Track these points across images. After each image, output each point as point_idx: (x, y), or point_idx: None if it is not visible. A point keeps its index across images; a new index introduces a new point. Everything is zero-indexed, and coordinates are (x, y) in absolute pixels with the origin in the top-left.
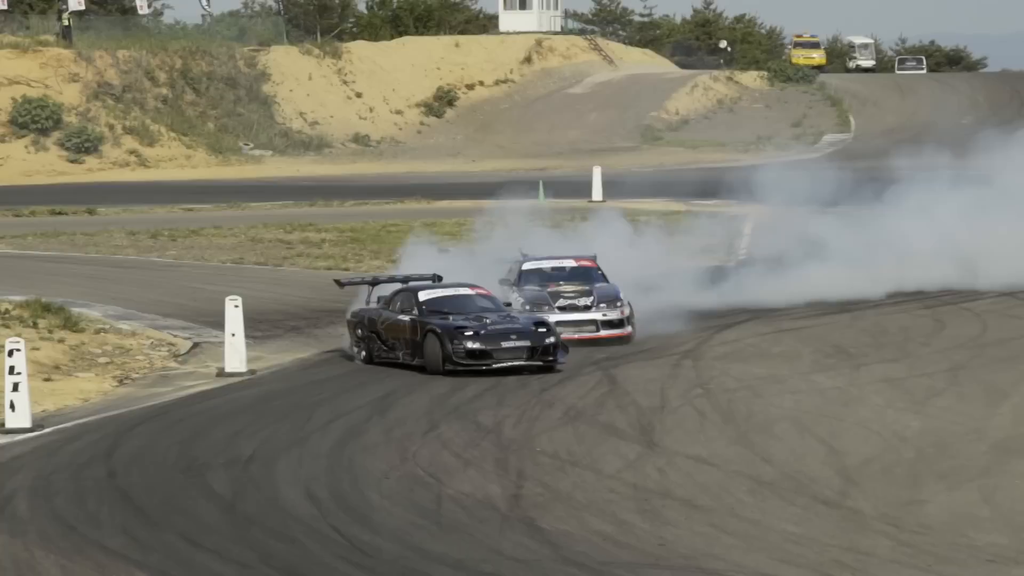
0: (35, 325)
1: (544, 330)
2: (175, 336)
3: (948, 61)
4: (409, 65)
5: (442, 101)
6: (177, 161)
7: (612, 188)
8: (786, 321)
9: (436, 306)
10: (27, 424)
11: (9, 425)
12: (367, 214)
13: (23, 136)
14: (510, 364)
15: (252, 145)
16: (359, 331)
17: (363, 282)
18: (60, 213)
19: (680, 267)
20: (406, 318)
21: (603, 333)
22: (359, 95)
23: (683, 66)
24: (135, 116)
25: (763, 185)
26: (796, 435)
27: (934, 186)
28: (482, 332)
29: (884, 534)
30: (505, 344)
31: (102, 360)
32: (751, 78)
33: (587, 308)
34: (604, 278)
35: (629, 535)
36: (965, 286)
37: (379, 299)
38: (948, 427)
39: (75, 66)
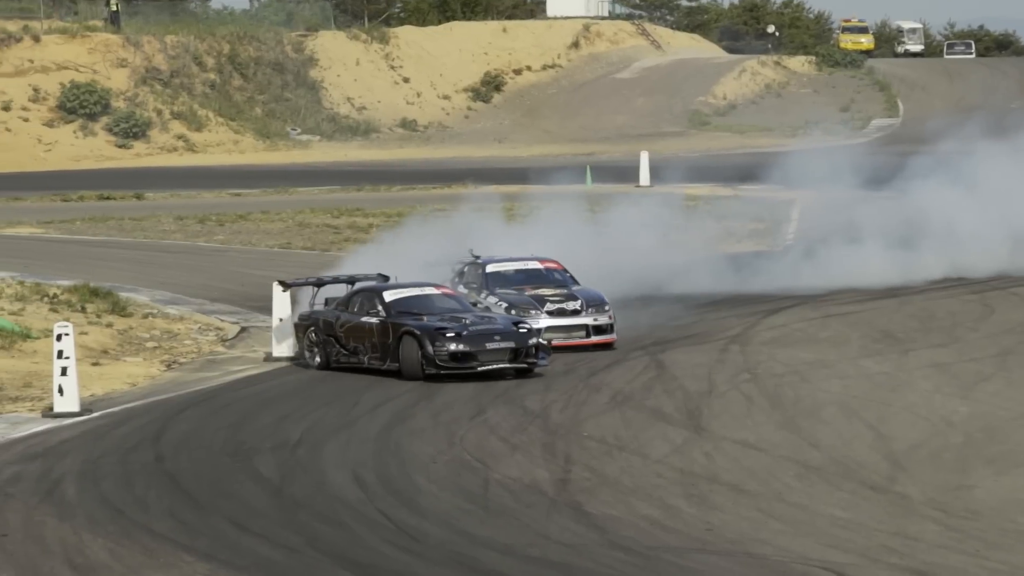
0: (83, 310)
1: (526, 330)
2: (222, 321)
3: (997, 46)
4: (456, 50)
5: (489, 86)
6: (225, 146)
7: (659, 173)
8: (833, 306)
9: (404, 307)
10: (75, 408)
11: (58, 409)
12: (414, 199)
13: (71, 121)
14: (495, 367)
15: (299, 130)
16: (312, 335)
17: (307, 283)
18: (108, 198)
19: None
20: (373, 320)
21: (594, 339)
22: (406, 80)
23: (731, 51)
24: (183, 101)
25: (807, 169)
26: (844, 420)
27: (983, 169)
28: (464, 333)
29: (932, 519)
30: (490, 345)
31: (150, 345)
32: (799, 63)
33: (576, 312)
34: (574, 280)
35: (676, 520)
36: (1018, 271)
37: (327, 300)
38: (996, 412)
39: (123, 51)
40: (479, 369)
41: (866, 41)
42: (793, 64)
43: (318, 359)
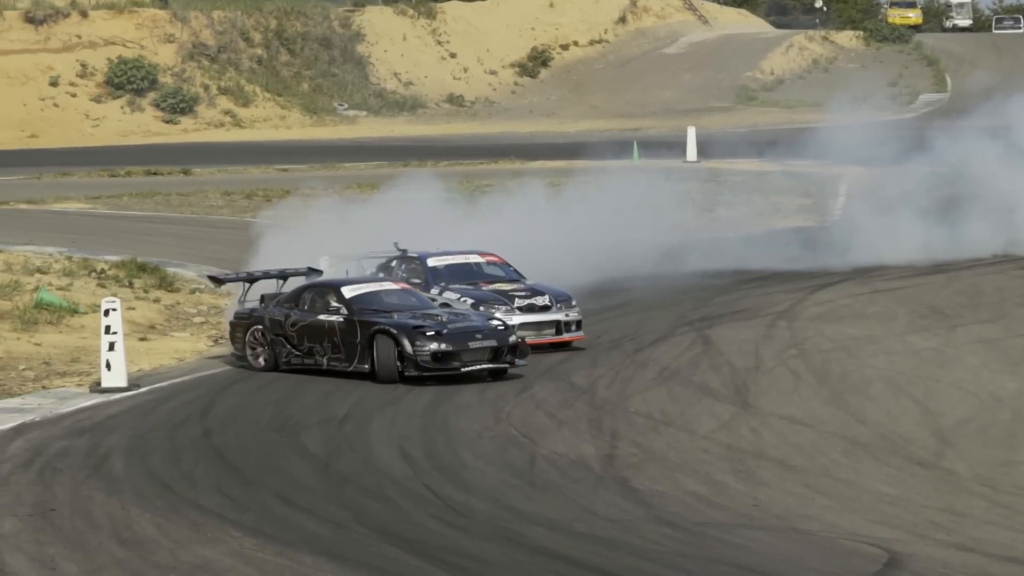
0: (131, 285)
1: (503, 328)
2: None
3: None
4: (504, 25)
5: (536, 61)
6: (272, 122)
7: (707, 148)
8: (881, 282)
9: (366, 303)
10: (123, 384)
11: (105, 384)
12: (461, 174)
13: (119, 97)
14: (476, 368)
15: (346, 105)
16: (255, 334)
17: (238, 278)
18: (155, 173)
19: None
20: (333, 318)
21: (564, 336)
22: (453, 55)
23: (778, 26)
24: (230, 77)
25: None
26: (891, 396)
27: None
28: (444, 332)
29: (979, 495)
30: (472, 344)
31: (197, 320)
32: (847, 38)
33: (547, 308)
34: (518, 274)
35: (723, 495)
36: None
37: (263, 297)
38: None
39: (170, 27)
40: (463, 371)
41: (914, 16)
42: (841, 39)
43: (262, 360)
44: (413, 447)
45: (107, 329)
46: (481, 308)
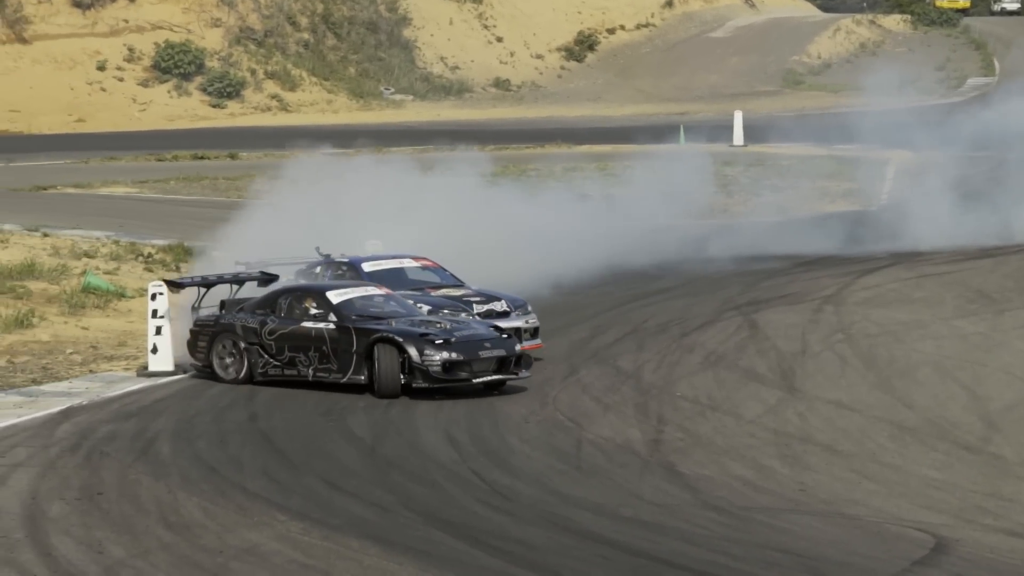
0: (178, 269)
1: (508, 337)
2: None
3: None
4: (550, 9)
5: (583, 45)
6: (318, 106)
7: (753, 132)
8: (928, 266)
9: (355, 310)
10: (169, 368)
11: (152, 368)
12: (507, 159)
13: (166, 81)
14: (486, 379)
15: (393, 90)
16: (224, 343)
17: (194, 283)
18: (202, 158)
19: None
20: (321, 325)
21: (525, 345)
22: (500, 39)
23: (825, 9)
24: (277, 61)
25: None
26: (938, 380)
27: None
28: (452, 340)
29: None
30: (482, 354)
31: None
32: (894, 22)
33: (506, 315)
34: (456, 278)
35: (769, 480)
36: None
37: (223, 303)
38: None
39: (217, 11)
40: (474, 382)
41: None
42: (888, 23)
43: (233, 371)
44: (459, 431)
45: (154, 313)
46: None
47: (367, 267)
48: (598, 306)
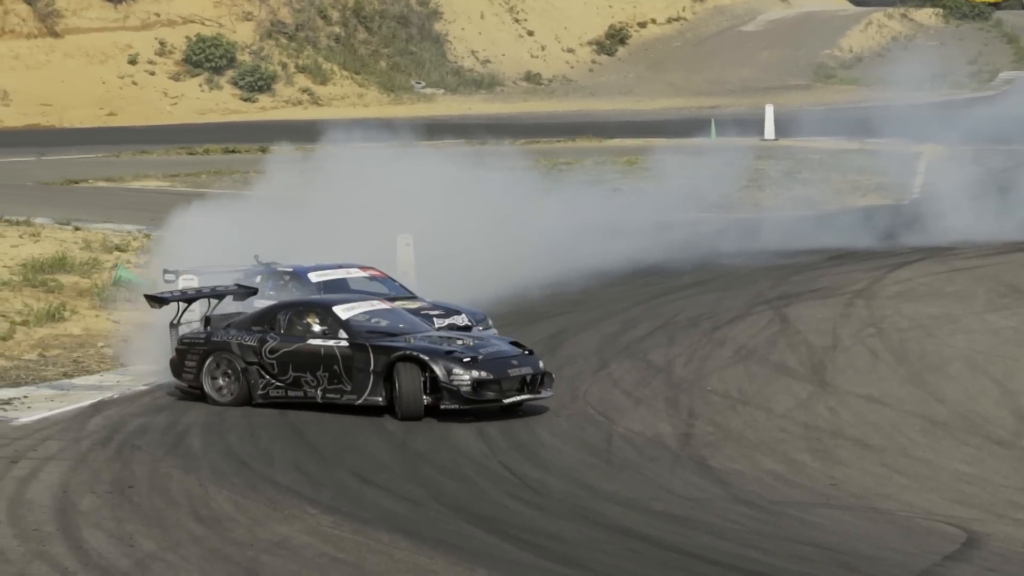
0: None
1: (530, 353)
2: None
3: None
4: (581, 3)
5: (614, 39)
6: (349, 100)
7: (785, 126)
8: (959, 260)
9: (365, 325)
10: None
11: None
12: (538, 152)
13: (197, 75)
14: (517, 399)
15: (424, 83)
16: (216, 362)
17: (174, 298)
18: (233, 151)
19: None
20: (330, 343)
21: None
22: (531, 33)
23: (857, 3)
24: (308, 55)
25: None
26: (969, 375)
27: None
28: (479, 357)
29: None
30: (511, 372)
31: None
32: (926, 15)
33: (468, 329)
34: (405, 289)
35: (800, 474)
36: None
37: (207, 319)
38: None
39: (248, 5)
40: (505, 403)
41: None
42: (920, 16)
43: (227, 392)
44: (490, 425)
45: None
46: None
47: (313, 277)
48: (628, 300)
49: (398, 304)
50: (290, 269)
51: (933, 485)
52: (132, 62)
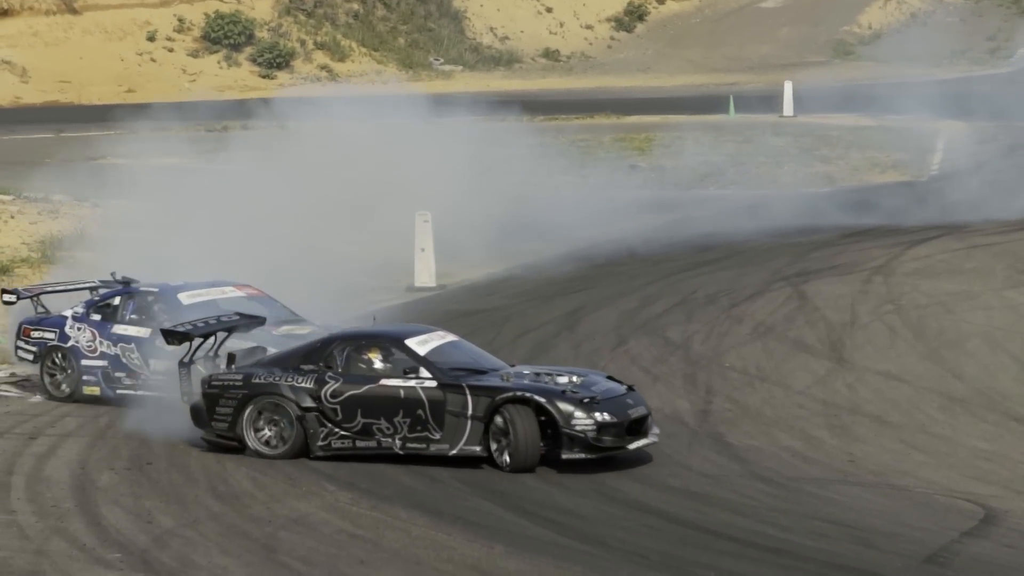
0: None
1: (633, 389)
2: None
3: None
4: None
5: (632, 16)
6: (368, 76)
7: (803, 103)
8: (978, 237)
9: (449, 362)
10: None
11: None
12: (557, 129)
13: (215, 51)
14: (639, 444)
15: (442, 60)
16: (261, 409)
17: (197, 332)
18: (252, 128)
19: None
20: (414, 383)
21: None
22: (549, 10)
23: None
24: (326, 31)
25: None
26: (988, 351)
27: None
28: (598, 398)
29: None
30: (632, 413)
31: None
32: None
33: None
34: (290, 311)
35: (818, 451)
36: None
37: (231, 357)
38: None
39: None
40: (629, 448)
41: None
42: None
43: (277, 443)
44: None
45: None
46: None
47: (184, 298)
48: (646, 277)
49: (285, 329)
50: (155, 288)
51: (951, 462)
52: (151, 39)
